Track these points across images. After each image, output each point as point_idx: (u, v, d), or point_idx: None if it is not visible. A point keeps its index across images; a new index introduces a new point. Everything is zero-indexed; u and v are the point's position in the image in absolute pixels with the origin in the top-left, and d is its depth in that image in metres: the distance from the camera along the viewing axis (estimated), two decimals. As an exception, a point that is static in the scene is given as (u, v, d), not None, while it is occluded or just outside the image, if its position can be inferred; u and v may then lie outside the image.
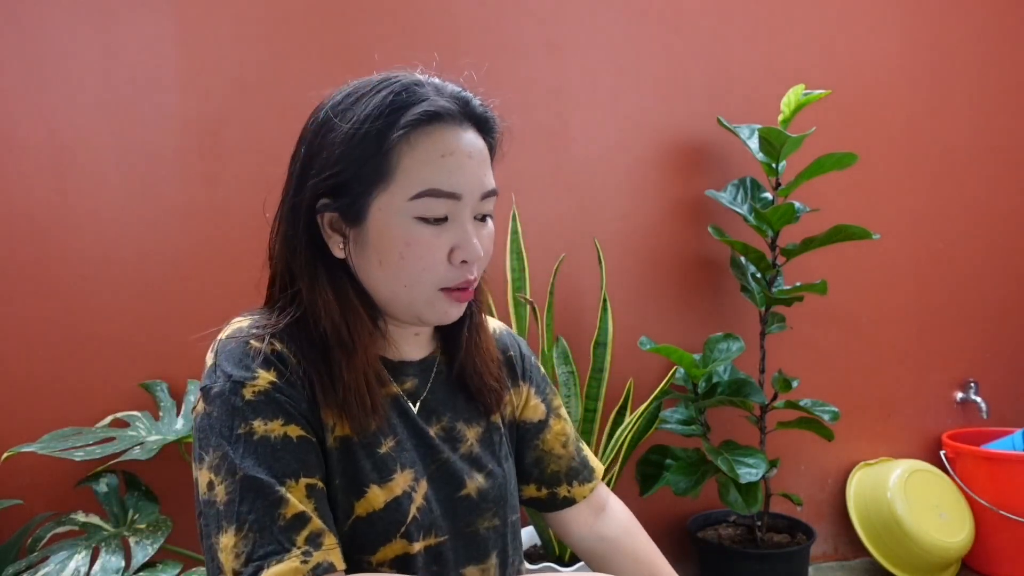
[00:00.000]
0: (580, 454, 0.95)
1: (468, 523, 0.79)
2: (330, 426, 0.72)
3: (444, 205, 0.70)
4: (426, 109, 0.70)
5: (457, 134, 0.71)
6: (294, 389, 0.69)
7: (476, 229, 0.73)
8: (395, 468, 0.74)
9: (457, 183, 0.70)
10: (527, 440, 0.92)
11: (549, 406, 0.94)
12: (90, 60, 1.69)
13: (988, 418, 2.39)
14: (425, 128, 0.70)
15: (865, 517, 2.21)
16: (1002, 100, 2.46)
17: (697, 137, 2.15)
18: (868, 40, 2.31)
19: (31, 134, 1.66)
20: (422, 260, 0.70)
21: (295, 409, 0.69)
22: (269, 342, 0.71)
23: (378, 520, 0.71)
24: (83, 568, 1.31)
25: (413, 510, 0.73)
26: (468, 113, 0.74)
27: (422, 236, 0.70)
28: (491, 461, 0.83)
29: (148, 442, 1.52)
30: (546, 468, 0.92)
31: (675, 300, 2.15)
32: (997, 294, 2.47)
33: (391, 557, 0.72)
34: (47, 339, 1.67)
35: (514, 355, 0.92)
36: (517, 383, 0.92)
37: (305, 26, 1.82)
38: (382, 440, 0.74)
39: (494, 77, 1.96)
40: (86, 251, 1.69)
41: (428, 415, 0.80)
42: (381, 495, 0.72)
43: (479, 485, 0.80)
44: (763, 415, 1.98)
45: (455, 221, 0.71)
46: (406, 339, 0.80)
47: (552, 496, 0.92)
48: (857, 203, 2.28)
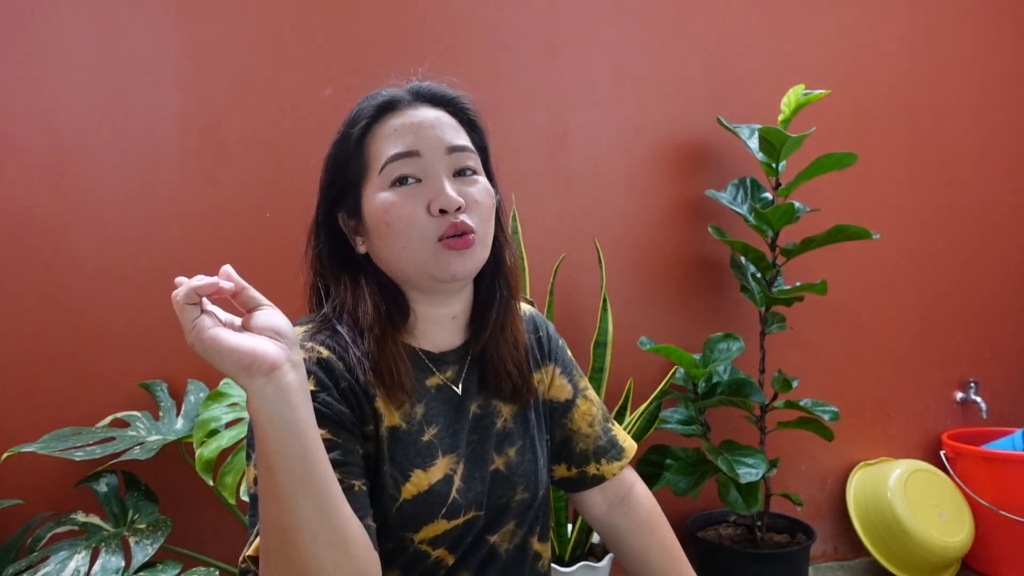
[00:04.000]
0: (608, 433, 0.99)
1: (500, 496, 0.84)
2: (383, 416, 0.78)
3: (408, 165, 0.77)
4: (379, 103, 0.81)
5: (407, 112, 0.80)
6: (330, 394, 0.75)
7: (458, 183, 0.79)
8: (437, 454, 0.80)
9: (412, 142, 0.78)
10: (555, 419, 0.96)
11: (576, 386, 0.98)
12: (90, 60, 1.69)
13: (988, 418, 2.39)
14: (381, 118, 0.81)
15: (865, 517, 2.21)
16: (1002, 100, 2.46)
17: (697, 137, 2.15)
18: (868, 40, 2.31)
19: (31, 134, 1.66)
20: (402, 218, 0.77)
21: (328, 412, 0.74)
22: (316, 350, 0.77)
23: (423, 502, 0.77)
24: (83, 568, 1.31)
25: (453, 492, 0.79)
26: (418, 94, 0.83)
27: (397, 197, 0.77)
28: (523, 436, 0.88)
29: (148, 442, 1.52)
30: (575, 447, 0.96)
31: (675, 300, 2.15)
32: (997, 294, 2.47)
33: (433, 535, 0.78)
34: (47, 339, 1.67)
35: (542, 335, 0.97)
36: (545, 362, 0.96)
37: (305, 26, 1.82)
38: (426, 428, 0.80)
39: (494, 77, 1.97)
40: (86, 251, 1.69)
41: (469, 396, 0.85)
42: (425, 479, 0.78)
43: (509, 459, 0.85)
44: (763, 415, 1.98)
45: (427, 179, 0.78)
46: (443, 325, 0.85)
47: (582, 475, 0.96)
48: (857, 203, 2.28)
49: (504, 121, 1.95)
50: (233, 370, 0.57)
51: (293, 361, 0.60)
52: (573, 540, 1.79)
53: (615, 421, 1.03)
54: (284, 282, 1.83)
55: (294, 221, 1.79)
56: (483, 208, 0.80)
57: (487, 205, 0.81)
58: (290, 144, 1.78)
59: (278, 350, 0.59)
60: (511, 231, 1.81)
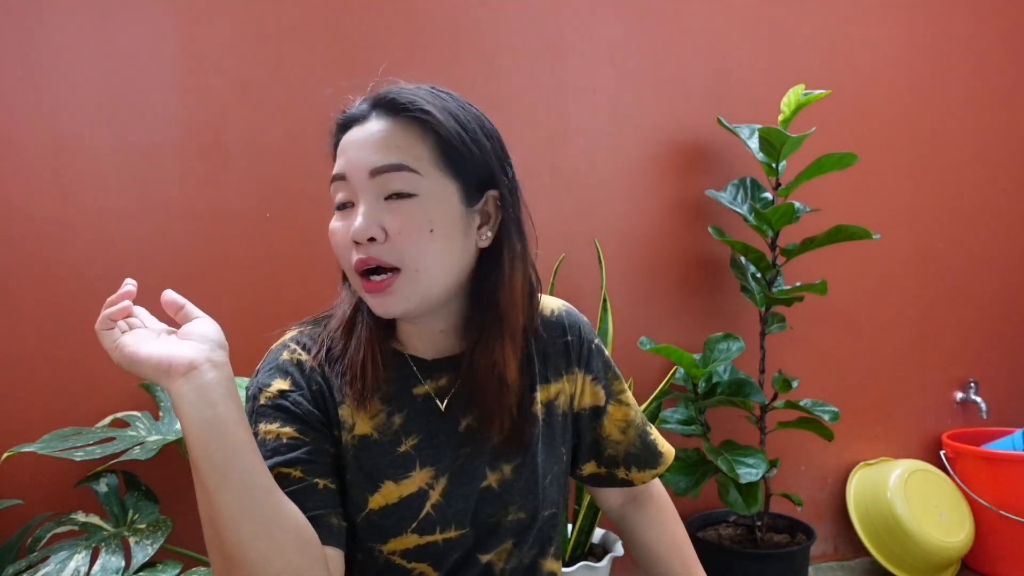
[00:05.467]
0: (644, 440, 0.94)
1: (490, 515, 0.80)
2: (348, 424, 0.78)
3: (341, 188, 0.75)
4: (338, 122, 0.79)
5: (357, 130, 0.75)
6: (302, 394, 0.77)
7: (385, 209, 0.72)
8: (413, 467, 0.78)
9: (343, 165, 0.75)
10: (585, 425, 0.91)
11: (609, 391, 0.92)
12: (90, 60, 1.69)
13: (988, 418, 2.39)
14: (342, 136, 0.77)
15: (865, 517, 2.21)
16: (1002, 99, 2.46)
17: (697, 137, 2.15)
18: (868, 40, 2.31)
19: (31, 134, 1.66)
20: (338, 245, 0.75)
21: (298, 412, 0.75)
22: (296, 352, 0.79)
23: (391, 514, 0.76)
24: (83, 568, 1.31)
25: (428, 507, 0.77)
26: (375, 103, 0.76)
27: (336, 223, 0.76)
28: (523, 454, 0.82)
29: (148, 442, 1.52)
30: (603, 451, 0.92)
31: (675, 300, 2.15)
32: (997, 294, 2.47)
33: (403, 548, 0.77)
34: (47, 339, 1.66)
35: (571, 339, 0.89)
36: (572, 370, 0.89)
37: (305, 26, 1.82)
38: (403, 439, 0.78)
39: (494, 76, 1.97)
40: (86, 251, 1.69)
41: (460, 409, 0.81)
42: (395, 491, 0.76)
43: (503, 476, 0.80)
44: (763, 415, 1.98)
45: (356, 204, 0.74)
46: (431, 336, 0.82)
47: (611, 475, 0.94)
48: (857, 203, 2.28)
49: (504, 121, 1.94)
50: (153, 374, 0.61)
51: (213, 361, 0.63)
52: (573, 540, 1.79)
53: (652, 426, 0.98)
54: (284, 281, 1.83)
55: (294, 221, 1.80)
56: (409, 237, 0.71)
57: (414, 231, 0.71)
58: (290, 144, 1.78)
59: (196, 352, 0.62)
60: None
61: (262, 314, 1.72)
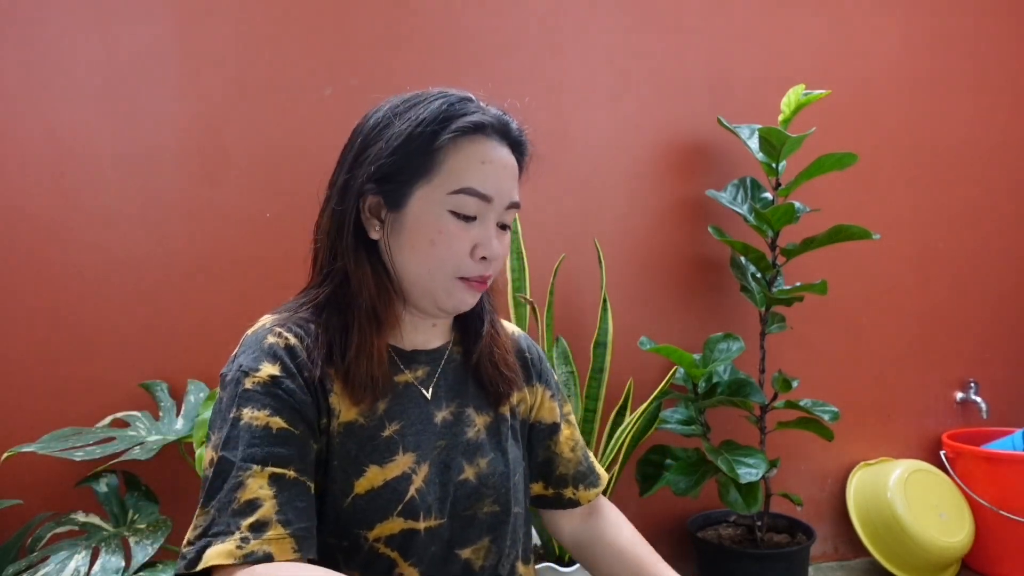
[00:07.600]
0: (587, 460, 1.01)
1: (466, 507, 0.83)
2: (336, 412, 0.78)
3: (476, 205, 0.78)
4: (474, 120, 0.79)
5: (496, 147, 0.81)
6: (294, 381, 0.75)
7: (497, 234, 0.81)
8: (397, 451, 0.79)
9: (491, 187, 0.79)
10: (539, 440, 0.97)
11: (562, 411, 1.00)
12: (90, 60, 1.69)
13: (988, 418, 2.39)
14: (471, 136, 0.79)
15: (865, 517, 2.21)
16: (1001, 100, 2.46)
17: (697, 137, 2.15)
18: (868, 40, 2.31)
19: (31, 134, 1.66)
20: (448, 249, 0.78)
21: (289, 400, 0.74)
22: (283, 336, 0.78)
23: (376, 497, 0.77)
24: (83, 568, 1.31)
25: (412, 491, 0.78)
26: (506, 132, 0.82)
27: (452, 228, 0.78)
28: (495, 449, 0.87)
29: (148, 442, 1.52)
30: (555, 470, 0.98)
31: (675, 300, 2.15)
32: (997, 294, 2.47)
33: (388, 534, 0.77)
34: (47, 339, 1.67)
35: (531, 357, 0.98)
36: (532, 383, 0.96)
37: (305, 26, 1.82)
38: (387, 424, 0.80)
39: (494, 77, 1.97)
40: (86, 251, 1.69)
41: (439, 400, 0.85)
42: (380, 475, 0.77)
43: (479, 470, 0.84)
44: (763, 415, 1.98)
45: (482, 222, 0.80)
46: (424, 328, 0.86)
47: (558, 496, 0.98)
48: (857, 203, 2.28)
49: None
50: None
51: None
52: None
53: None
54: (284, 281, 1.83)
55: (294, 221, 1.79)
56: (503, 262, 0.85)
57: (505, 259, 0.86)
58: (290, 144, 1.78)
59: None
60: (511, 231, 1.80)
61: (262, 314, 1.72)
